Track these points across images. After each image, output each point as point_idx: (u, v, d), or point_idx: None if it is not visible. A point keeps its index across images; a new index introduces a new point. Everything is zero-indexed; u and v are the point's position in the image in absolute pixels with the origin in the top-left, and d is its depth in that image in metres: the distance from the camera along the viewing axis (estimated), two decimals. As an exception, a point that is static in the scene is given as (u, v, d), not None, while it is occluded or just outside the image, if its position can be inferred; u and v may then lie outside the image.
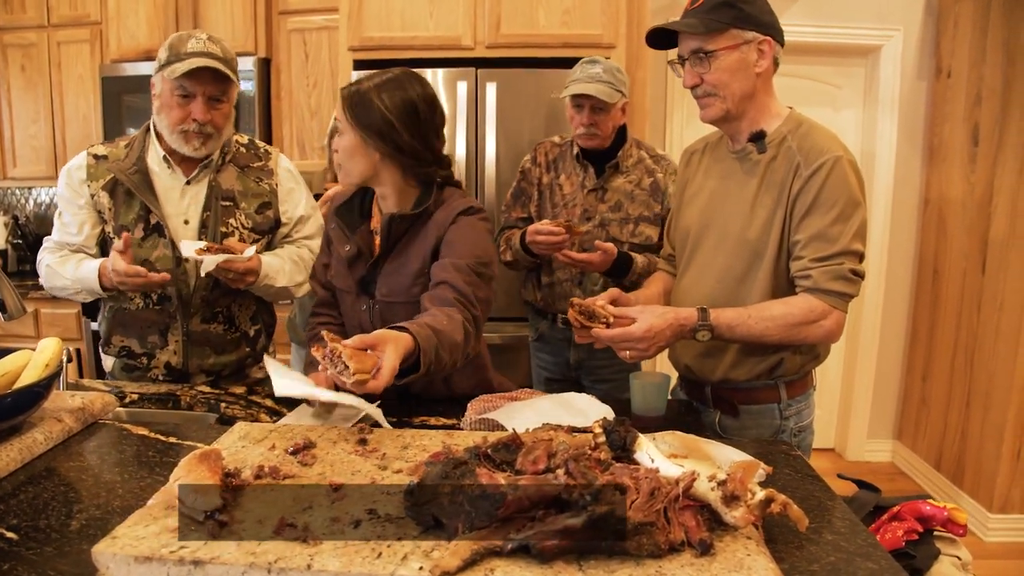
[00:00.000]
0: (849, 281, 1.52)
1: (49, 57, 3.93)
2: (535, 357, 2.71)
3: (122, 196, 1.88)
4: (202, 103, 1.81)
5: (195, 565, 0.88)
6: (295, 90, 3.68)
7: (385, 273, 1.69)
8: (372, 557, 0.90)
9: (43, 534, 1.05)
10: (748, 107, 1.60)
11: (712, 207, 1.70)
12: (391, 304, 1.68)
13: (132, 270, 1.72)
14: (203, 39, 1.80)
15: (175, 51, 1.79)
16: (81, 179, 1.87)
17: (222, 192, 1.93)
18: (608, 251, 2.23)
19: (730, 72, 1.56)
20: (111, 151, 1.91)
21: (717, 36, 1.55)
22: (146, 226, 1.88)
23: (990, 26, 3.30)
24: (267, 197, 2.00)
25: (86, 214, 1.88)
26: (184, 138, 1.84)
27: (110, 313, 1.97)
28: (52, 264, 1.88)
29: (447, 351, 1.44)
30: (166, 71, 1.78)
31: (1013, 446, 3.17)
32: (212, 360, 1.99)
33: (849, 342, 4.08)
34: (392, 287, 1.68)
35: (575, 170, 2.47)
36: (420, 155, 1.63)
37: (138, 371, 1.99)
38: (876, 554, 1.03)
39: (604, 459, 1.05)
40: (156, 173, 1.90)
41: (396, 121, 1.57)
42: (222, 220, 1.92)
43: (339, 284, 1.79)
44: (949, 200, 3.65)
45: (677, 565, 0.89)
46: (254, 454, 1.23)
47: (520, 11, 2.99)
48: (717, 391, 1.72)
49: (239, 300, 2.01)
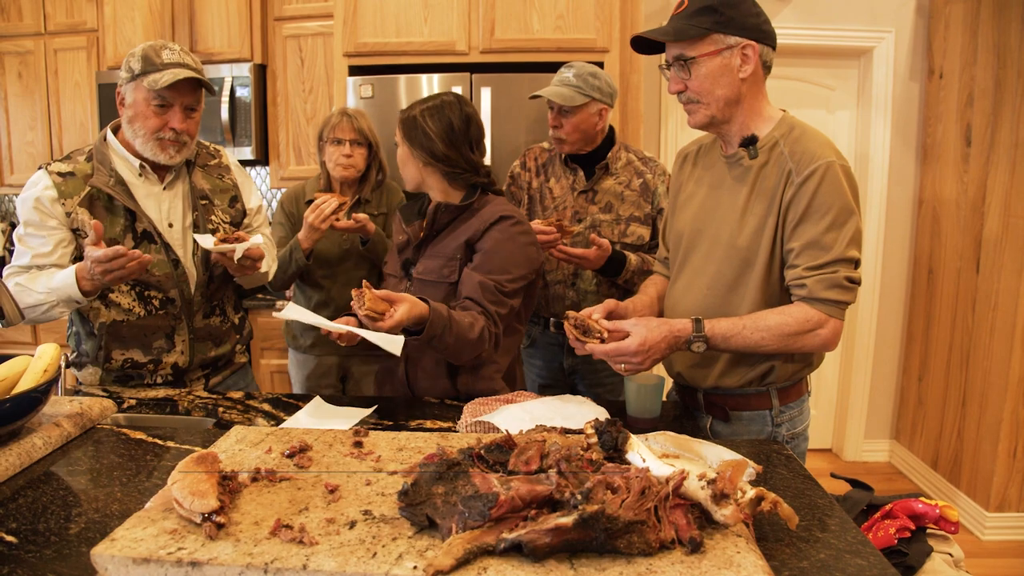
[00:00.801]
0: (844, 289, 1.50)
1: (46, 64, 3.95)
2: (527, 364, 2.70)
3: (102, 210, 1.85)
4: (180, 112, 1.84)
5: (193, 566, 0.89)
6: (291, 96, 3.70)
7: (425, 256, 1.92)
8: (367, 557, 0.91)
9: (42, 537, 1.06)
10: (735, 112, 1.59)
11: (704, 213, 1.69)
12: (424, 282, 1.89)
13: (112, 251, 1.63)
14: (177, 50, 1.84)
15: (151, 62, 1.80)
16: (52, 198, 1.81)
17: (198, 192, 1.99)
18: (603, 247, 2.24)
19: (712, 78, 1.55)
20: (75, 167, 1.86)
21: (698, 42, 1.53)
22: (134, 235, 1.88)
23: (980, 27, 3.32)
24: (232, 191, 2.09)
25: (60, 234, 1.83)
26: (160, 146, 1.85)
27: (102, 330, 1.91)
28: (21, 282, 1.77)
29: (453, 337, 1.68)
30: (145, 81, 1.79)
31: (1009, 445, 3.19)
32: (213, 353, 2.06)
33: (845, 342, 4.09)
34: (428, 267, 1.90)
35: (564, 173, 2.49)
36: (455, 162, 1.88)
37: (135, 375, 1.99)
38: (865, 551, 1.04)
39: (596, 459, 1.07)
40: (131, 183, 1.89)
41: (434, 135, 1.84)
42: (206, 218, 1.98)
43: (388, 270, 2.05)
44: (943, 200, 3.67)
45: (667, 563, 0.91)
46: (251, 457, 1.24)
47: (514, 16, 3.01)
48: (709, 397, 1.72)
49: (227, 291, 2.10)
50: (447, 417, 1.70)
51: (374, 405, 1.77)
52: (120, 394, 1.88)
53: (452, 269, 1.86)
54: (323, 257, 2.51)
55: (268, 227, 2.21)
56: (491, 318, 1.79)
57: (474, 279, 1.80)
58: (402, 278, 1.97)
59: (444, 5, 3.02)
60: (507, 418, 1.54)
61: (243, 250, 1.83)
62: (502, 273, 1.82)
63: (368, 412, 1.72)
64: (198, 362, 2.03)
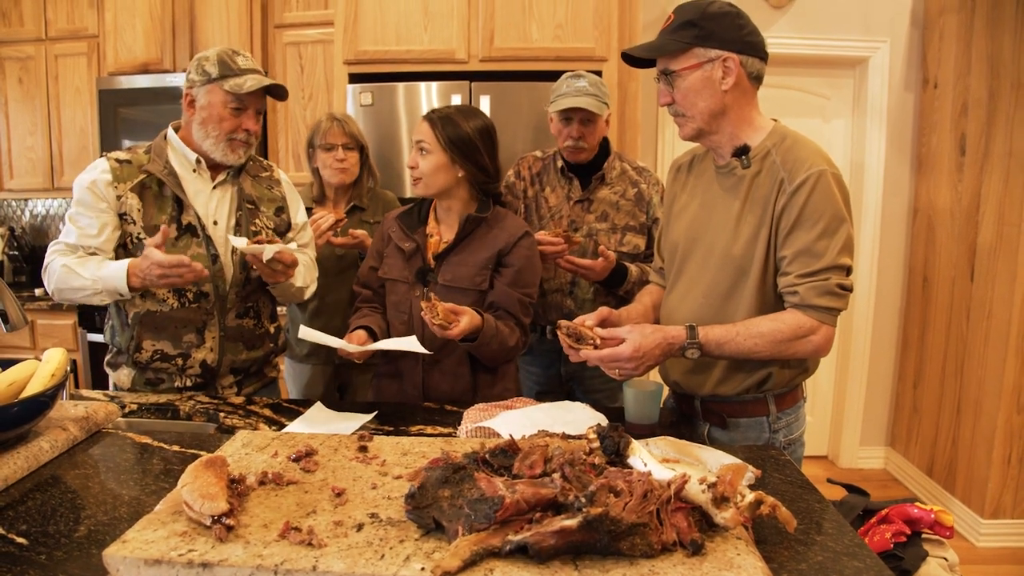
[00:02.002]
0: (836, 296, 1.52)
1: (46, 70, 3.97)
2: (524, 371, 2.70)
3: (152, 198, 1.92)
4: (253, 115, 1.94)
5: (204, 567, 0.91)
6: (291, 103, 3.72)
7: (452, 264, 1.97)
8: (375, 558, 0.93)
9: (52, 539, 1.08)
10: (722, 124, 1.61)
11: (698, 223, 1.71)
12: (452, 289, 1.95)
13: (175, 259, 1.72)
14: (248, 57, 1.93)
15: (228, 67, 1.87)
16: (107, 182, 1.88)
17: (246, 195, 2.04)
18: (609, 259, 2.26)
19: (694, 91, 1.57)
20: (133, 156, 1.95)
21: (680, 56, 1.56)
22: (179, 227, 1.93)
23: (974, 38, 3.36)
24: (280, 202, 2.13)
25: (108, 217, 1.89)
26: (231, 147, 1.93)
27: (135, 319, 1.95)
28: (70, 264, 1.84)
29: (497, 344, 1.89)
30: (226, 84, 1.86)
31: (1003, 452, 3.21)
32: (244, 356, 2.06)
33: (841, 350, 4.12)
34: (457, 275, 1.96)
35: (560, 183, 2.50)
36: (490, 173, 1.97)
37: (166, 377, 2.00)
38: (862, 553, 1.06)
39: (598, 463, 1.08)
40: (183, 177, 1.95)
41: (481, 148, 1.93)
42: (251, 220, 2.02)
43: (394, 275, 2.03)
44: (937, 209, 3.70)
45: (669, 564, 0.93)
46: (257, 461, 1.25)
47: (513, 25, 3.04)
48: (706, 404, 1.74)
49: (263, 297, 2.11)
50: (447, 423, 1.72)
51: (374, 411, 1.79)
52: (121, 399, 1.89)
53: (484, 278, 1.95)
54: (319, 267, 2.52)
55: (310, 248, 2.23)
56: (523, 328, 1.99)
57: (512, 295, 1.95)
58: (414, 284, 1.98)
59: (444, 14, 3.05)
60: (508, 423, 1.56)
61: (272, 252, 1.84)
62: (530, 287, 2.00)
63: (369, 417, 1.74)
64: (228, 364, 2.02)
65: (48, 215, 4.54)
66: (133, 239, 1.90)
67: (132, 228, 1.90)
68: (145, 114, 3.75)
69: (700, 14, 1.53)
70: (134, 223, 1.89)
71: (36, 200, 4.49)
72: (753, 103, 1.63)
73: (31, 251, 4.43)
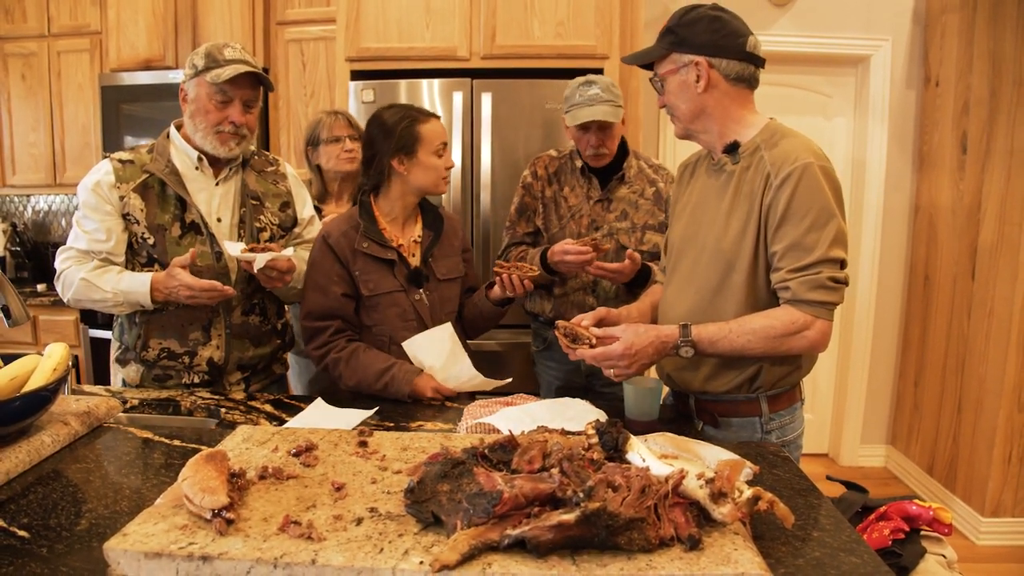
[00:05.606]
0: (829, 289, 1.51)
1: (49, 66, 3.97)
2: (543, 366, 2.71)
3: (155, 197, 1.92)
4: (239, 106, 1.92)
5: (204, 560, 0.91)
6: (293, 100, 3.72)
7: (437, 258, 2.07)
8: (374, 552, 0.93)
9: (54, 532, 1.08)
10: (707, 123, 1.63)
11: (693, 220, 1.72)
12: (447, 282, 2.08)
13: (207, 284, 1.79)
14: (238, 48, 1.92)
15: (213, 58, 1.87)
16: (111, 183, 1.88)
17: (250, 191, 2.04)
18: (636, 260, 2.26)
19: (675, 94, 1.63)
20: (135, 156, 1.95)
21: (662, 61, 1.63)
22: (182, 225, 1.93)
23: (976, 36, 3.36)
24: (285, 197, 2.13)
25: (114, 220, 1.90)
26: (220, 139, 1.92)
27: (142, 318, 1.96)
28: (88, 277, 1.86)
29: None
30: (208, 76, 1.86)
31: (1004, 450, 3.21)
32: (251, 352, 2.06)
33: (842, 348, 4.13)
34: (449, 266, 2.10)
35: (579, 182, 2.49)
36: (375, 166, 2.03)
37: (174, 374, 2.00)
38: (859, 549, 1.07)
39: (597, 459, 1.09)
40: (185, 175, 1.95)
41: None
42: (255, 217, 2.02)
43: (383, 289, 1.99)
44: (939, 207, 3.70)
45: (667, 559, 0.93)
46: (258, 455, 1.26)
47: (515, 22, 3.04)
48: (700, 402, 1.74)
49: (269, 294, 2.12)
50: (447, 419, 1.73)
51: (375, 407, 1.80)
52: (123, 394, 1.90)
53: (459, 262, 2.14)
54: None
55: None
56: None
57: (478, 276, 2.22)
58: (411, 289, 2.00)
59: (446, 11, 3.05)
60: (507, 419, 1.57)
61: (264, 260, 1.83)
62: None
63: (370, 413, 1.75)
64: (235, 361, 2.03)
65: (50, 211, 4.55)
66: (138, 239, 1.91)
67: (136, 228, 1.91)
68: (147, 111, 3.76)
69: (677, 20, 1.61)
70: (138, 223, 1.90)
71: (38, 196, 4.50)
72: (740, 102, 1.63)
73: (33, 247, 4.45)
